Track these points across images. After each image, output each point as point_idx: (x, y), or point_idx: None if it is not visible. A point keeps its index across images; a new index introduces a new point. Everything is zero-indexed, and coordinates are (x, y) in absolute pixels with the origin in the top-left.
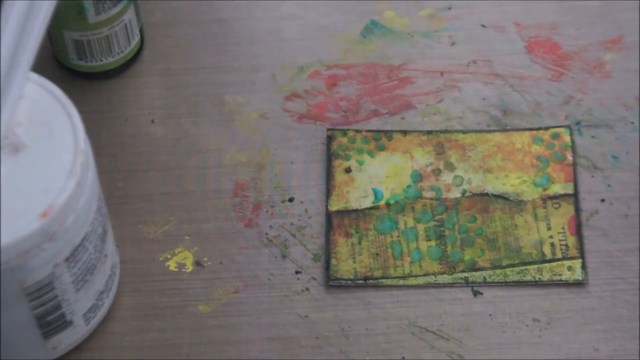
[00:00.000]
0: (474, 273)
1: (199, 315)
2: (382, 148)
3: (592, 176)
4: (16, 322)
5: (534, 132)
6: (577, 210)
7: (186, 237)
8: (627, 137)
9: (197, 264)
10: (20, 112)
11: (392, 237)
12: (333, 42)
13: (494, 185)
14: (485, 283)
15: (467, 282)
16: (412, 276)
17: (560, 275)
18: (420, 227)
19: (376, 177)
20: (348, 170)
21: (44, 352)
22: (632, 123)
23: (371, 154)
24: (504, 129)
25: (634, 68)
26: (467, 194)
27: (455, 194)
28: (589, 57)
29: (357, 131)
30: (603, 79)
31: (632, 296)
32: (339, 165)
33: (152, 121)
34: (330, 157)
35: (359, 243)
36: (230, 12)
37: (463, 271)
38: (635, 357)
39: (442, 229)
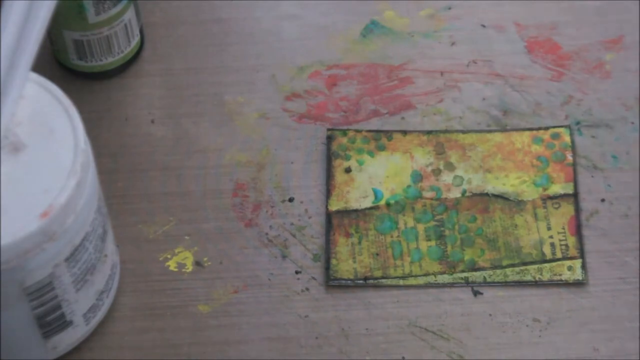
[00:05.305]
0: (474, 273)
1: (199, 315)
2: (382, 148)
3: (592, 176)
4: (16, 322)
5: (534, 132)
6: (577, 210)
7: (186, 237)
8: (627, 137)
9: (197, 264)
10: (20, 112)
11: (392, 237)
12: (333, 42)
13: (494, 185)
14: (485, 283)
15: (467, 282)
16: (412, 276)
17: (560, 275)
18: (420, 227)
19: (376, 177)
20: (348, 170)
21: (44, 352)
22: (632, 123)
23: (371, 154)
24: (504, 129)
25: (634, 68)
26: (467, 194)
27: (455, 194)
28: (589, 57)
29: (357, 131)
30: (603, 79)
31: (632, 296)
32: (339, 165)
33: (152, 121)
34: (330, 157)
35: (359, 243)
36: (230, 12)
37: (463, 271)
38: (635, 357)
39: (442, 229)
